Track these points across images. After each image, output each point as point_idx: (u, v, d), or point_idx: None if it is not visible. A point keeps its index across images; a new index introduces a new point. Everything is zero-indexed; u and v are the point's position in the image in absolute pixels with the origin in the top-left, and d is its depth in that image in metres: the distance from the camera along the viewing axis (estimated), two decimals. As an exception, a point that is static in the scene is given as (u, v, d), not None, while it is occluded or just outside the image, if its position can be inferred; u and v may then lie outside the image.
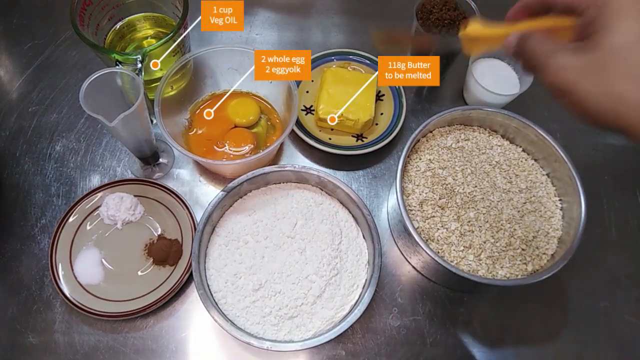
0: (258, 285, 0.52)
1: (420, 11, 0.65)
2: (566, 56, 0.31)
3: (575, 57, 0.31)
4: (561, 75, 0.31)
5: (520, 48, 0.35)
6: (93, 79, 0.49)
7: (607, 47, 0.30)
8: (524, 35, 0.35)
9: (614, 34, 0.30)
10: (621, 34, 0.29)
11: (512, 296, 0.60)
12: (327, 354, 0.56)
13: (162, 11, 0.64)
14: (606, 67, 0.29)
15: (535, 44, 0.33)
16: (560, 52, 0.32)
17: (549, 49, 0.32)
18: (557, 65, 0.31)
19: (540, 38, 0.33)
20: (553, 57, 0.32)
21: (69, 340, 0.55)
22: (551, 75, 0.32)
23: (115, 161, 0.65)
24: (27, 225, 0.61)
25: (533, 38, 0.34)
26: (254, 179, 0.56)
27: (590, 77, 0.30)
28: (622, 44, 0.29)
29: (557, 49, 0.32)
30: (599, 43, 0.30)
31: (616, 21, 0.30)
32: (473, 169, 0.59)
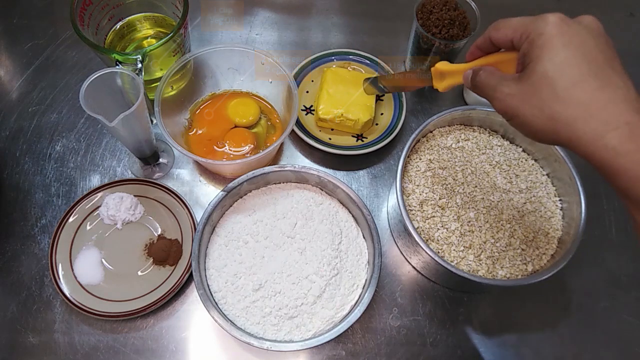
0: (258, 285, 0.52)
1: (420, 11, 0.65)
2: (508, 86, 0.37)
3: (515, 86, 0.36)
4: (506, 102, 0.37)
5: (473, 81, 0.41)
6: (93, 79, 0.49)
7: (538, 74, 0.34)
8: (475, 70, 0.41)
9: (542, 63, 0.34)
10: (548, 63, 0.34)
11: (512, 296, 0.60)
12: (327, 354, 0.56)
13: (162, 11, 0.64)
14: (539, 91, 0.34)
15: (484, 77, 0.39)
16: (504, 82, 0.37)
17: (494, 81, 0.38)
18: (501, 94, 0.37)
19: (487, 71, 0.39)
20: (498, 88, 0.37)
21: (69, 340, 0.55)
22: (498, 102, 0.37)
23: (115, 161, 0.65)
24: (27, 225, 0.61)
25: (482, 72, 0.40)
26: (254, 179, 0.56)
27: (528, 102, 0.35)
28: (549, 71, 0.34)
29: (501, 80, 0.38)
30: (532, 72, 0.35)
31: (542, 53, 0.35)
32: (473, 169, 0.59)
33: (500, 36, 0.39)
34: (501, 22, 0.39)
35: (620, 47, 0.38)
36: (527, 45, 0.36)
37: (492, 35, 0.40)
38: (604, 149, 0.32)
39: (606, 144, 0.32)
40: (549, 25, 0.35)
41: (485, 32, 0.41)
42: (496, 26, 0.39)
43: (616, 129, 0.32)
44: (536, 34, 0.36)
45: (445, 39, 0.63)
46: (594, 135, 0.32)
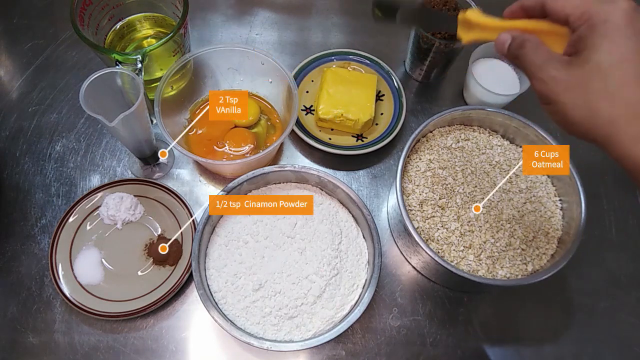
0: (258, 285, 0.52)
1: (420, 11, 0.65)
2: (555, 68, 0.34)
3: (563, 71, 0.34)
4: (549, 86, 0.34)
5: (514, 51, 0.37)
6: (93, 79, 0.49)
7: (591, 65, 0.32)
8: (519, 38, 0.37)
9: (599, 54, 0.32)
10: (606, 55, 0.32)
11: (512, 296, 0.60)
12: (327, 354, 0.56)
13: (162, 11, 0.64)
14: (588, 83, 0.32)
15: (530, 50, 0.36)
16: (551, 63, 0.34)
17: (541, 58, 0.35)
18: (547, 75, 0.34)
19: (534, 44, 0.36)
20: (544, 67, 0.35)
21: (69, 340, 0.55)
22: (540, 84, 0.35)
23: (115, 161, 0.65)
24: (27, 225, 0.61)
25: (529, 43, 0.36)
26: (254, 179, 0.56)
27: (573, 91, 0.33)
28: (605, 64, 0.32)
29: (549, 59, 0.35)
30: (586, 60, 0.33)
31: (603, 43, 0.32)
32: (473, 169, 0.59)
33: (557, 7, 0.35)
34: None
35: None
36: (586, 29, 0.33)
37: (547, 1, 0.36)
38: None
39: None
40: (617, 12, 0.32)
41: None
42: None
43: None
44: (601, 20, 0.33)
45: (445, 39, 0.63)
46: (635, 137, 0.32)
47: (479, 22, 0.42)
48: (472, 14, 0.42)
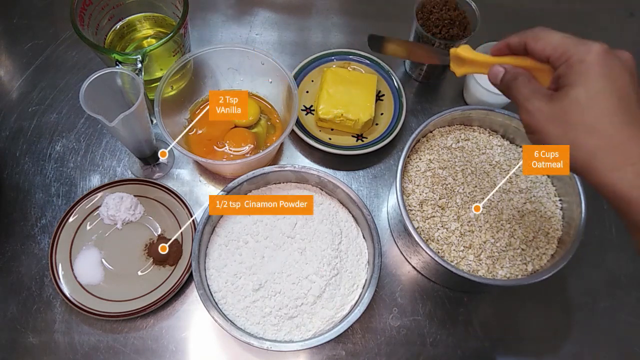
0: (258, 285, 0.52)
1: (420, 11, 0.65)
2: (539, 100, 0.37)
3: (546, 104, 0.37)
4: (533, 116, 0.37)
5: (507, 82, 0.40)
6: (93, 79, 0.49)
7: (570, 100, 0.35)
8: (512, 71, 0.40)
9: (576, 90, 0.35)
10: (582, 91, 0.35)
11: (512, 296, 0.60)
12: (327, 354, 0.56)
13: (162, 11, 0.64)
14: (568, 116, 0.35)
15: (521, 82, 0.39)
16: (537, 95, 0.38)
17: (529, 90, 0.38)
18: (532, 106, 0.37)
19: (525, 78, 0.39)
20: (530, 99, 0.38)
21: (69, 340, 0.55)
22: (526, 114, 0.38)
23: (115, 161, 0.65)
24: (27, 225, 0.61)
25: (521, 76, 0.40)
26: (254, 179, 0.56)
27: (554, 123, 0.36)
28: (582, 99, 0.35)
29: (535, 92, 0.38)
30: (565, 95, 0.36)
31: (580, 80, 0.35)
32: (473, 169, 0.59)
33: (538, 48, 0.39)
34: (542, 33, 0.39)
35: (620, 47, 0.38)
36: (565, 68, 0.37)
37: (529, 42, 0.39)
38: (620, 180, 0.34)
39: (623, 176, 0.34)
40: (592, 54, 0.35)
41: (521, 35, 0.40)
42: (537, 36, 0.39)
43: (634, 164, 0.33)
44: (577, 60, 0.36)
45: (445, 39, 0.63)
46: (612, 166, 0.34)
47: (470, 58, 0.45)
48: (463, 51, 0.46)
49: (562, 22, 0.80)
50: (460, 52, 0.46)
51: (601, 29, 0.80)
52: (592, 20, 0.80)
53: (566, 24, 0.80)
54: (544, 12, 0.81)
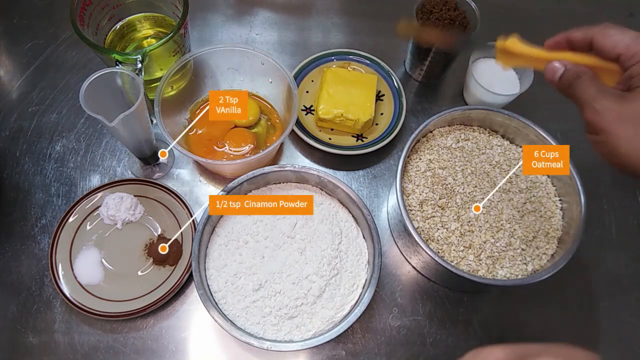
0: (258, 285, 0.52)
1: (420, 11, 0.65)
2: (609, 100, 0.36)
3: (617, 103, 0.35)
4: (601, 116, 0.36)
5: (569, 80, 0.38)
6: (93, 79, 0.49)
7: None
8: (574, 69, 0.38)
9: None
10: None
11: (512, 296, 0.60)
12: (327, 354, 0.56)
13: (162, 11, 0.64)
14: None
15: (585, 81, 0.37)
16: (606, 94, 0.36)
17: (595, 89, 0.36)
18: (600, 105, 0.36)
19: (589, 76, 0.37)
20: (598, 98, 0.36)
21: (69, 340, 0.55)
22: (592, 113, 0.36)
23: (115, 161, 0.65)
24: (27, 225, 0.61)
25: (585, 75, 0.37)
26: (254, 179, 0.56)
27: (626, 123, 0.35)
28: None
29: (603, 91, 0.36)
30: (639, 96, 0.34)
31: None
32: (473, 169, 0.59)
33: (608, 45, 0.37)
34: (612, 29, 0.37)
35: (620, 47, 0.38)
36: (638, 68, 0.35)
37: (596, 38, 0.38)
38: None
39: None
40: None
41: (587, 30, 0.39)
42: (606, 32, 0.37)
43: None
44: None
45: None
46: None
47: (522, 52, 0.42)
48: (512, 45, 0.42)
49: (562, 22, 0.80)
50: (509, 46, 0.42)
51: (601, 29, 0.80)
52: (592, 20, 0.79)
53: (566, 24, 0.80)
54: (544, 12, 0.81)
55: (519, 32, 0.44)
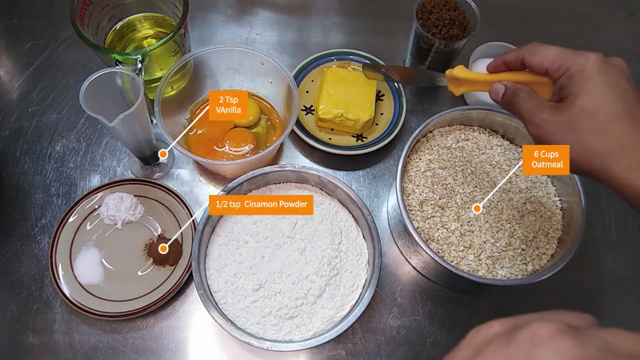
0: (258, 285, 0.52)
1: (420, 11, 0.65)
2: (546, 113, 0.39)
3: (554, 114, 0.38)
4: (542, 128, 0.39)
5: (508, 99, 0.42)
6: (93, 79, 0.49)
7: (577, 108, 0.37)
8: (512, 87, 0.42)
9: (582, 98, 0.37)
10: (587, 98, 0.37)
11: (512, 296, 0.60)
12: (327, 354, 0.56)
13: (162, 11, 0.64)
14: (577, 123, 0.37)
15: (523, 98, 0.40)
16: (542, 108, 0.39)
17: (533, 104, 0.40)
18: (539, 119, 0.39)
19: (526, 93, 0.41)
20: (537, 113, 0.39)
21: (69, 340, 0.55)
22: (534, 127, 0.39)
23: (115, 161, 0.65)
24: (27, 225, 0.61)
25: (521, 92, 0.41)
26: (254, 179, 0.56)
27: (565, 132, 0.37)
28: (588, 106, 0.36)
29: (540, 105, 0.39)
30: (571, 105, 0.37)
31: (583, 88, 0.37)
32: (473, 169, 0.59)
33: (536, 62, 0.40)
34: (538, 47, 0.40)
35: (620, 47, 0.39)
36: (566, 79, 0.38)
37: (526, 57, 0.41)
38: (637, 180, 0.35)
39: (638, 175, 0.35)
40: (590, 63, 0.37)
41: (518, 51, 0.41)
42: (533, 50, 0.40)
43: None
44: (577, 70, 0.37)
45: (445, 39, 0.63)
46: (627, 167, 0.35)
47: (467, 77, 0.46)
48: (459, 72, 0.46)
49: (562, 22, 0.80)
50: (456, 73, 0.46)
51: (601, 29, 0.80)
52: (592, 20, 0.80)
53: (566, 24, 0.80)
54: (544, 12, 0.81)
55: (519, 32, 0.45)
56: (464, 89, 0.47)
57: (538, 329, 0.25)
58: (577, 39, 0.78)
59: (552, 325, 0.24)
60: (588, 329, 0.25)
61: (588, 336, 0.24)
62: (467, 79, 0.46)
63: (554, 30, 0.79)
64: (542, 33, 0.79)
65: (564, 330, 0.24)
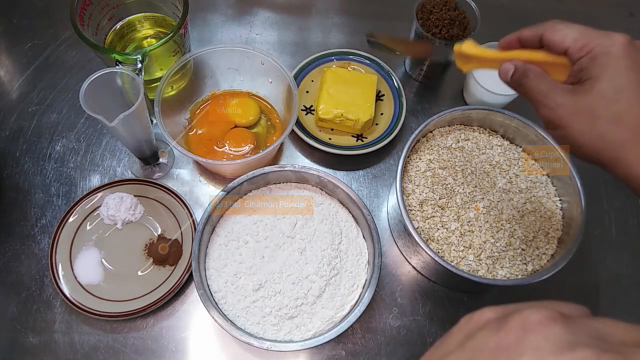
0: (258, 285, 0.52)
1: (420, 11, 0.65)
2: (561, 96, 0.36)
3: (570, 98, 0.36)
4: (556, 112, 0.36)
5: (518, 80, 0.39)
6: (93, 79, 0.49)
7: (596, 92, 0.35)
8: (522, 67, 0.39)
9: (602, 83, 0.34)
10: (609, 83, 0.34)
11: (512, 296, 0.60)
12: (327, 354, 0.56)
13: (162, 11, 0.64)
14: (595, 109, 0.35)
15: (534, 79, 0.38)
16: (556, 90, 0.37)
17: (546, 86, 0.37)
18: (553, 102, 0.36)
19: (537, 74, 0.38)
20: (550, 95, 0.37)
21: (69, 340, 0.55)
22: (547, 110, 0.37)
23: (115, 161, 0.65)
24: (27, 225, 0.61)
25: (532, 73, 0.38)
26: (254, 179, 0.56)
27: (581, 117, 0.35)
28: (608, 92, 0.34)
29: (554, 87, 0.37)
30: (590, 88, 0.35)
31: (605, 72, 0.35)
32: (473, 169, 0.59)
33: (557, 39, 0.37)
34: (560, 24, 0.37)
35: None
36: (587, 60, 0.36)
37: (546, 34, 0.38)
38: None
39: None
40: (616, 45, 0.35)
41: (537, 27, 0.39)
42: (554, 27, 0.38)
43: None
44: (601, 52, 0.35)
45: (445, 39, 0.63)
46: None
47: (476, 54, 0.43)
48: (468, 48, 0.43)
49: (562, 22, 0.80)
50: (465, 49, 0.43)
51: (601, 29, 0.79)
52: (592, 20, 0.80)
53: (566, 24, 0.80)
54: (544, 12, 0.81)
55: None
56: (472, 65, 0.44)
57: (529, 315, 0.24)
58: (577, 39, 0.78)
59: (544, 312, 0.24)
60: (580, 318, 0.25)
61: (579, 324, 0.24)
62: (476, 55, 0.43)
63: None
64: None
65: (556, 317, 0.24)
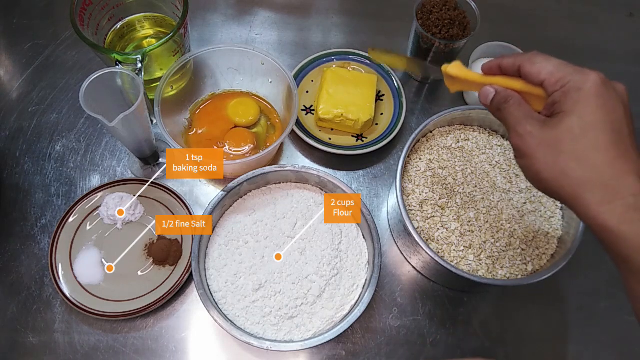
0: (258, 285, 0.52)
1: (420, 11, 0.65)
2: (532, 125, 0.37)
3: (539, 128, 0.36)
4: (524, 140, 0.37)
5: (498, 105, 0.40)
6: (93, 79, 0.49)
7: (564, 127, 0.35)
8: (503, 93, 0.40)
9: (572, 119, 0.35)
10: (578, 120, 0.34)
11: (512, 296, 0.60)
12: (327, 354, 0.56)
13: (162, 11, 0.64)
14: (560, 144, 0.35)
15: (513, 105, 0.39)
16: (530, 120, 0.37)
17: (521, 114, 0.38)
18: (524, 130, 0.37)
19: (517, 101, 0.39)
20: (522, 122, 0.37)
21: (69, 340, 0.55)
22: (517, 137, 0.37)
23: (115, 161, 0.65)
24: (27, 225, 0.61)
25: (512, 99, 0.39)
26: (254, 179, 0.56)
27: (546, 149, 0.35)
28: (576, 128, 0.34)
29: (528, 116, 0.37)
30: (559, 122, 0.35)
31: (575, 109, 0.35)
32: (473, 169, 0.59)
33: (534, 72, 0.38)
34: (539, 57, 0.38)
35: (620, 47, 0.38)
36: (561, 94, 0.36)
37: (524, 66, 0.39)
38: (609, 214, 0.33)
39: (612, 209, 0.33)
40: (589, 83, 0.35)
41: (517, 57, 0.40)
42: (532, 59, 0.38)
43: (624, 198, 0.33)
44: (574, 87, 0.35)
45: (445, 39, 0.63)
46: (602, 199, 0.33)
47: (460, 76, 0.44)
48: (453, 69, 0.45)
49: (562, 22, 0.80)
50: (451, 71, 0.45)
51: (601, 29, 0.80)
52: (592, 20, 0.80)
53: (566, 24, 0.80)
54: (544, 12, 0.81)
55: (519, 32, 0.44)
56: (457, 87, 0.46)
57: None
58: (577, 39, 0.78)
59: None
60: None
61: None
62: (460, 77, 0.44)
63: (554, 30, 0.79)
64: (542, 33, 0.79)
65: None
